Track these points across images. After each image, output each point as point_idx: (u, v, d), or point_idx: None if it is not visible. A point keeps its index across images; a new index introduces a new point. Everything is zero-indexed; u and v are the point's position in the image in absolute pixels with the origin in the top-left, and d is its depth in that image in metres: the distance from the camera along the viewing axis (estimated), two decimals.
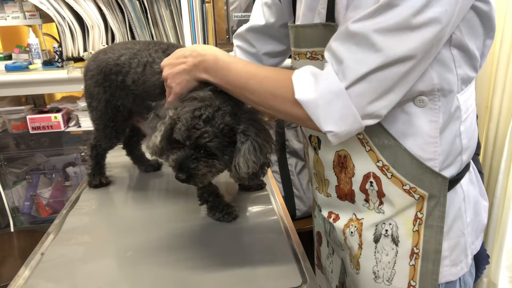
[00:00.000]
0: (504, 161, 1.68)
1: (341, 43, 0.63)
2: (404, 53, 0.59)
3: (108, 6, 1.85)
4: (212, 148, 0.77)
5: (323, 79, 0.64)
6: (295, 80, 0.67)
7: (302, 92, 0.66)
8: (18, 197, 2.13)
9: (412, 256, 0.78)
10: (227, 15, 1.86)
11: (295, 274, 0.79)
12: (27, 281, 0.79)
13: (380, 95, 0.63)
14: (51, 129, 1.93)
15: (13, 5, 1.87)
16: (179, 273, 0.80)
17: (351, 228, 0.84)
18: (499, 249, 1.76)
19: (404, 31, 0.58)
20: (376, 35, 0.59)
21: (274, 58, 1.03)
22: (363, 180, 0.79)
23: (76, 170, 2.14)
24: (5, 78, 1.77)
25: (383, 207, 0.79)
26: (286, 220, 0.99)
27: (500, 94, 1.64)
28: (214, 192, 1.00)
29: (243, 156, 0.77)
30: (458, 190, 0.77)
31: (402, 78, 0.62)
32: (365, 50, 0.61)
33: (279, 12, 0.96)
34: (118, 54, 1.02)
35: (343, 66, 0.62)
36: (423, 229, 0.76)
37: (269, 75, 0.73)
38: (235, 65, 0.77)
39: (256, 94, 0.74)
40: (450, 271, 0.80)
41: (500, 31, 1.59)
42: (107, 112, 1.07)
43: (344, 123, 0.65)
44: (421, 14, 0.57)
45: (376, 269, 0.82)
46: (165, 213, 1.03)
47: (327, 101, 0.64)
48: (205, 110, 0.76)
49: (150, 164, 1.29)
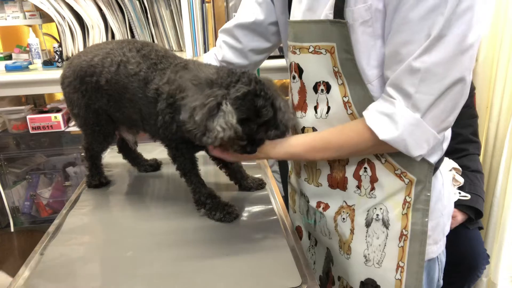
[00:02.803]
0: (504, 161, 1.68)
1: (405, 79, 0.70)
2: (460, 74, 0.68)
3: (108, 6, 1.85)
4: (270, 119, 0.82)
5: (400, 116, 0.72)
6: (373, 126, 0.75)
7: (385, 134, 0.73)
8: (18, 197, 2.13)
9: (401, 238, 0.85)
10: (227, 15, 1.86)
11: (295, 274, 0.79)
12: (27, 281, 0.79)
13: (449, 112, 0.72)
14: (51, 129, 1.93)
15: (13, 5, 1.87)
16: (179, 273, 0.80)
17: (342, 215, 0.90)
18: (499, 249, 1.76)
19: (457, 56, 0.67)
20: (436, 67, 0.68)
21: (259, 55, 1.07)
22: (357, 167, 0.86)
23: (76, 170, 2.14)
24: (5, 78, 1.77)
25: (375, 192, 0.85)
26: (286, 220, 0.99)
27: (500, 94, 1.64)
28: (211, 194, 0.99)
29: (285, 112, 0.84)
30: (438, 175, 0.86)
31: (462, 95, 0.71)
32: (429, 82, 0.69)
33: (269, 10, 0.98)
34: (91, 56, 1.00)
35: (413, 100, 0.71)
36: (411, 212, 0.83)
37: (340, 138, 0.81)
38: (301, 147, 0.85)
39: (336, 156, 0.84)
40: (432, 249, 0.88)
41: (500, 31, 1.59)
42: (89, 117, 1.05)
43: (428, 144, 0.74)
44: (465, 40, 0.66)
45: (367, 253, 0.88)
46: (165, 213, 1.03)
47: (410, 133, 0.72)
48: (262, 90, 0.80)
49: (148, 164, 1.28)
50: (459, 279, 1.47)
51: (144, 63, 0.94)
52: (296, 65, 0.86)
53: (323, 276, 1.04)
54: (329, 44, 0.77)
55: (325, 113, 0.84)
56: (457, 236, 1.40)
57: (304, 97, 0.87)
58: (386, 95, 0.74)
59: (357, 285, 0.91)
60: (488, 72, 1.67)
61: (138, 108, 0.97)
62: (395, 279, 0.86)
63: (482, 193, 1.46)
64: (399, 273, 0.86)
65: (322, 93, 0.83)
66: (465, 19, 0.65)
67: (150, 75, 0.93)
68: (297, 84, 0.88)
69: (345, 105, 0.80)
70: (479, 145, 1.55)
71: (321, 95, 0.83)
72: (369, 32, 0.73)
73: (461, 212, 1.43)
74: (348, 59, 0.76)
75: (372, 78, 0.77)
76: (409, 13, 0.67)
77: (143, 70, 0.94)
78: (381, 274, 0.87)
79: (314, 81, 0.84)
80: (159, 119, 0.93)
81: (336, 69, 0.79)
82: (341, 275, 0.96)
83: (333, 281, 1.00)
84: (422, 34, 0.67)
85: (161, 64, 0.94)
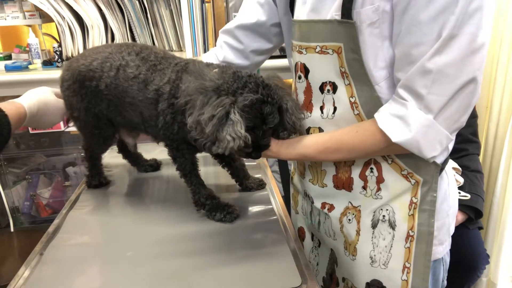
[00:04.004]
0: (504, 161, 1.68)
1: (417, 81, 0.70)
2: (472, 74, 0.68)
3: (108, 6, 1.85)
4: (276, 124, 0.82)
5: (412, 119, 0.72)
6: (385, 128, 0.74)
7: (398, 136, 0.73)
8: (18, 197, 2.13)
9: (408, 239, 0.84)
10: (227, 15, 1.86)
11: (295, 274, 0.79)
12: (27, 281, 0.79)
13: (462, 112, 0.72)
14: (51, 129, 1.93)
15: (13, 5, 1.87)
16: (179, 273, 0.80)
17: (348, 215, 0.90)
18: (499, 249, 1.77)
19: (468, 56, 0.67)
20: (448, 68, 0.67)
21: (260, 56, 1.07)
22: (363, 167, 0.85)
23: (76, 170, 2.14)
24: (5, 78, 1.77)
25: (381, 193, 0.85)
26: (286, 220, 0.99)
27: (500, 94, 1.64)
28: (210, 195, 0.99)
29: (292, 113, 0.84)
30: (443, 176, 0.85)
31: (474, 94, 0.71)
32: (442, 83, 0.69)
33: (272, 11, 0.98)
34: (90, 60, 0.99)
35: (425, 101, 0.70)
36: (417, 213, 0.83)
37: (353, 140, 0.80)
38: (313, 147, 0.84)
39: (348, 158, 0.84)
40: (437, 250, 0.88)
41: (500, 31, 1.59)
42: (89, 120, 1.05)
43: (441, 144, 0.74)
44: (476, 39, 0.66)
45: (373, 254, 0.88)
46: (165, 213, 1.03)
47: (423, 134, 0.72)
48: (269, 96, 0.79)
49: (148, 164, 1.28)
50: (459, 279, 1.47)
51: (143, 66, 0.94)
52: (302, 65, 0.85)
53: (327, 278, 1.03)
54: (336, 44, 0.77)
55: (332, 114, 0.84)
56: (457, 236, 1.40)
57: (310, 97, 0.87)
58: (398, 97, 0.73)
59: (362, 286, 0.90)
60: (488, 72, 1.67)
61: (139, 111, 0.97)
62: (402, 280, 0.86)
63: (482, 193, 1.46)
64: (406, 274, 0.85)
65: (328, 94, 0.83)
66: (475, 19, 0.65)
67: (149, 76, 0.93)
68: (303, 84, 0.87)
69: (351, 106, 0.80)
70: (479, 145, 1.55)
71: (327, 95, 0.83)
72: (376, 34, 0.73)
73: (461, 212, 1.43)
74: (355, 59, 0.76)
75: (380, 80, 0.76)
76: (419, 14, 0.66)
77: (142, 72, 0.93)
78: (387, 275, 0.87)
79: (320, 81, 0.83)
80: (160, 119, 0.93)
81: (343, 70, 0.78)
82: (346, 276, 0.96)
83: (337, 282, 1.00)
84: (433, 35, 0.66)
85: (161, 65, 0.94)
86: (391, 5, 0.70)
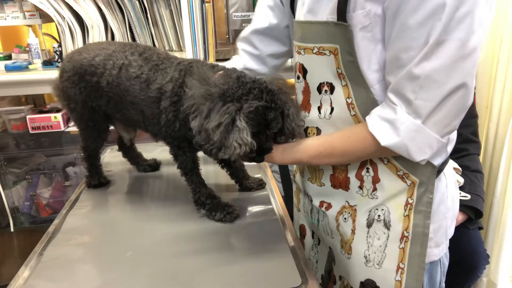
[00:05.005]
0: (504, 160, 1.68)
1: (406, 86, 0.70)
2: (461, 80, 0.68)
3: (108, 6, 1.85)
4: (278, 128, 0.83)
5: (400, 123, 0.72)
6: (375, 132, 0.75)
7: (386, 140, 0.74)
8: (18, 197, 2.13)
9: (402, 239, 0.85)
10: (227, 15, 1.86)
11: (295, 274, 0.79)
12: (27, 281, 0.79)
13: (453, 117, 0.72)
14: (51, 129, 1.93)
15: (13, 5, 1.87)
16: (179, 273, 0.80)
17: (344, 214, 0.91)
18: (499, 249, 1.76)
19: (458, 62, 0.66)
20: (435, 74, 0.67)
21: (277, 59, 1.06)
22: (359, 167, 0.86)
23: (76, 170, 2.14)
24: (5, 78, 1.77)
25: (377, 193, 0.85)
26: (286, 220, 0.99)
27: (500, 94, 1.64)
28: (210, 195, 1.00)
29: (292, 120, 0.85)
30: (442, 177, 0.85)
31: (465, 100, 0.70)
32: (429, 89, 0.68)
33: (282, 13, 0.98)
34: (93, 55, 1.00)
35: (414, 107, 0.70)
36: (413, 213, 0.83)
37: (345, 144, 0.81)
38: (308, 152, 0.85)
39: (341, 162, 0.85)
40: (433, 252, 0.88)
41: (500, 31, 1.59)
42: (85, 113, 1.06)
43: (430, 148, 0.74)
44: (466, 45, 0.65)
45: (367, 253, 0.88)
46: (165, 212, 1.03)
47: (411, 139, 0.72)
48: (273, 102, 0.80)
49: (148, 164, 1.28)
50: (459, 279, 1.47)
51: (145, 66, 0.95)
52: (301, 65, 0.86)
53: (325, 275, 1.04)
54: (332, 46, 0.77)
55: (329, 114, 0.84)
56: (457, 236, 1.40)
57: (308, 97, 0.87)
58: (388, 100, 0.74)
59: (357, 285, 0.91)
60: (488, 72, 1.67)
61: (140, 109, 0.97)
62: (395, 280, 0.86)
63: (482, 193, 1.46)
64: (399, 275, 0.85)
65: (325, 94, 0.83)
66: (465, 24, 0.64)
67: (152, 76, 0.94)
68: (301, 84, 0.88)
69: (348, 107, 0.81)
70: (479, 145, 1.55)
71: (324, 95, 0.84)
72: (368, 37, 0.73)
73: (461, 212, 1.43)
74: (351, 61, 0.76)
75: (374, 82, 0.77)
76: (408, 19, 0.66)
77: (144, 72, 0.94)
78: (381, 275, 0.87)
79: (318, 82, 0.84)
80: (162, 117, 0.93)
81: (339, 71, 0.79)
82: (342, 274, 0.96)
83: (334, 280, 1.01)
84: (421, 40, 0.66)
85: (163, 64, 0.95)
86: (382, 9, 0.71)
